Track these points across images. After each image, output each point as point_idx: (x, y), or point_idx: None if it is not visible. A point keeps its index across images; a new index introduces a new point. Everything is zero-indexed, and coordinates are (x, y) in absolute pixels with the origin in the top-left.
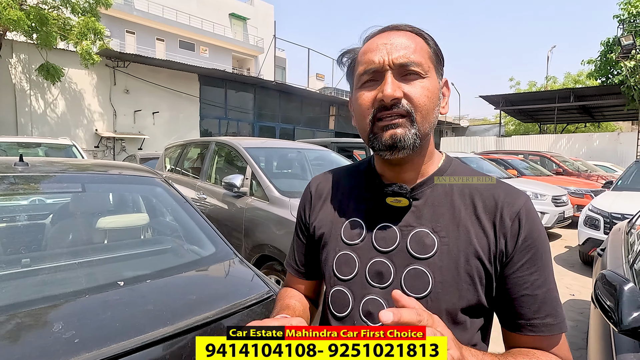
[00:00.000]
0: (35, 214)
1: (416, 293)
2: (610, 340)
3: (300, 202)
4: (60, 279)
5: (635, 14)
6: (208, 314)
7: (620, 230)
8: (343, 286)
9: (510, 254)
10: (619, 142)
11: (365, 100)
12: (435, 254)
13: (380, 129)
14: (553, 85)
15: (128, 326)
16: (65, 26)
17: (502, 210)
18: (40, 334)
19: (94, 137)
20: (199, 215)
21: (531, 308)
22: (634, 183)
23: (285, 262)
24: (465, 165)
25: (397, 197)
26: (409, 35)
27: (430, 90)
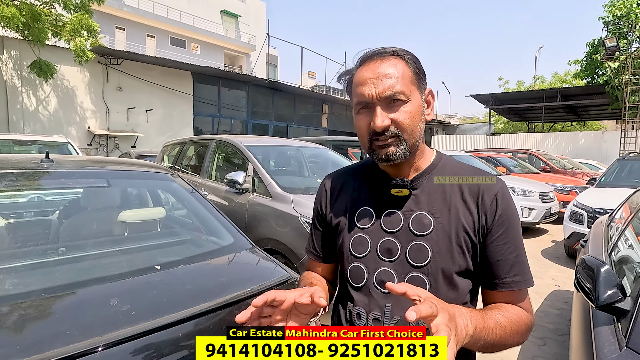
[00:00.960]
0: (63, 208)
1: (419, 262)
2: (589, 317)
3: (316, 197)
4: (104, 264)
5: (619, 16)
6: (240, 292)
7: (602, 223)
8: (358, 262)
9: (489, 227)
10: (604, 140)
11: (362, 125)
12: (432, 231)
13: (377, 147)
14: (541, 84)
15: (174, 302)
16: (58, 23)
17: (483, 192)
18: (100, 307)
19: (86, 134)
20: (215, 208)
21: (504, 270)
22: (616, 180)
23: (305, 249)
24: (453, 159)
25: (400, 189)
26: (392, 62)
27: (412, 112)
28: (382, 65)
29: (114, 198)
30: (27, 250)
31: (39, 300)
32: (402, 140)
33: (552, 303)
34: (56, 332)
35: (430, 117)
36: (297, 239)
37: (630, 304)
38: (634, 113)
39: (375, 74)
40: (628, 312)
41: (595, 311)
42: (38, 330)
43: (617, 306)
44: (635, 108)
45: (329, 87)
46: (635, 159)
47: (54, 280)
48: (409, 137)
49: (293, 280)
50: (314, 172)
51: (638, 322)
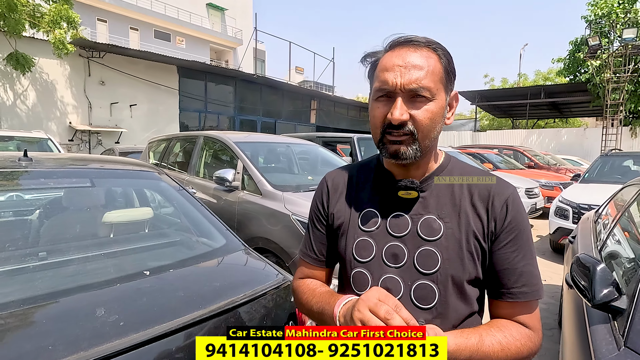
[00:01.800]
0: (43, 209)
1: (428, 269)
2: (583, 315)
3: (316, 196)
4: (89, 270)
5: (601, 15)
6: (235, 297)
7: (589, 219)
8: (362, 268)
9: (497, 234)
10: (585, 137)
11: (378, 114)
12: (442, 237)
13: (388, 141)
14: (524, 82)
15: (165, 310)
16: (36, 13)
17: (493, 198)
18: (85, 318)
19: (67, 130)
20: (205, 208)
21: (511, 279)
22: (599, 176)
23: (300, 252)
24: (461, 162)
25: (408, 190)
26: (424, 53)
27: (434, 112)
28: (413, 55)
29: (98, 198)
30: (3, 255)
31: (18, 311)
32: (415, 139)
33: None
34: (38, 347)
35: (449, 122)
36: (288, 238)
37: (626, 303)
38: (615, 110)
39: (404, 62)
40: (624, 311)
41: (590, 309)
42: (17, 345)
43: (614, 305)
44: (616, 105)
45: (317, 83)
46: (617, 156)
47: (34, 288)
48: (423, 138)
49: (288, 283)
50: (304, 169)
51: (635, 321)
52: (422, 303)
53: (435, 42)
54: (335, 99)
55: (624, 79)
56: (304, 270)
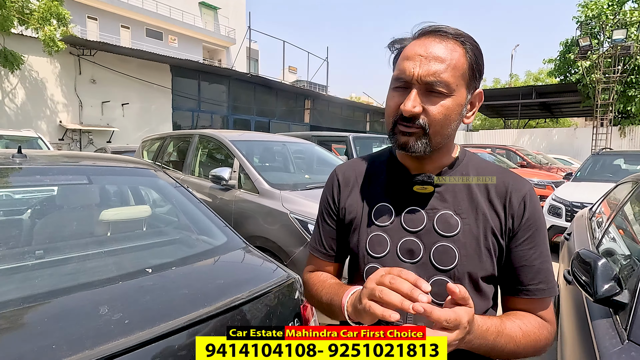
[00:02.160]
0: (39, 206)
1: (444, 265)
2: (584, 310)
3: (325, 189)
4: (89, 268)
5: (591, 16)
6: (239, 295)
7: (583, 216)
8: (376, 263)
9: (515, 231)
10: (575, 137)
11: (393, 104)
12: (459, 232)
13: (399, 132)
14: (516, 82)
15: (170, 308)
16: (25, 10)
17: (511, 194)
18: (89, 317)
19: (58, 129)
20: (205, 206)
21: (528, 276)
22: (591, 174)
23: (311, 247)
24: (476, 157)
25: (424, 185)
26: (450, 45)
27: (450, 109)
28: (437, 46)
29: (95, 196)
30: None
31: (17, 310)
32: (426, 134)
33: None
34: (40, 346)
35: (469, 121)
36: (286, 236)
37: (628, 297)
38: (605, 110)
39: (426, 52)
40: (627, 305)
41: (591, 304)
42: (18, 345)
43: (616, 299)
44: (605, 105)
45: (310, 83)
46: (608, 155)
47: (33, 287)
48: (435, 134)
49: (293, 280)
50: (300, 168)
51: (638, 315)
52: (439, 299)
53: (465, 34)
54: (329, 99)
55: (614, 79)
56: (314, 264)
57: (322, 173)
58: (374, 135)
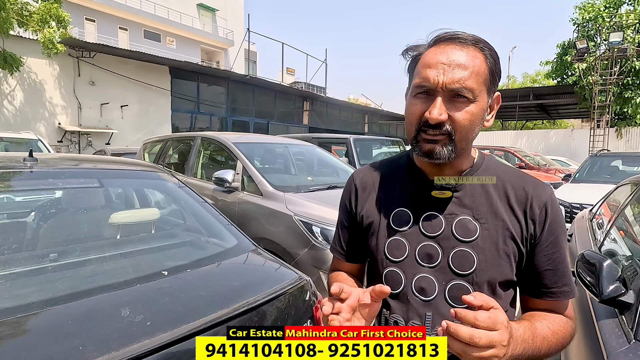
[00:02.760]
0: (51, 210)
1: (463, 270)
2: (589, 311)
3: (344, 194)
4: (106, 270)
5: (588, 18)
6: (256, 297)
7: (584, 218)
8: (395, 267)
9: (538, 237)
10: (572, 138)
11: (415, 111)
12: (478, 238)
13: (423, 140)
14: (513, 84)
15: (190, 309)
16: (24, 12)
17: (531, 200)
18: (112, 319)
19: (56, 131)
20: (214, 208)
21: (552, 279)
22: (589, 175)
23: (331, 247)
24: (495, 160)
25: (442, 190)
26: (470, 52)
27: (474, 114)
28: (459, 53)
29: (106, 199)
30: (16, 257)
31: (42, 312)
32: (452, 140)
33: None
34: (68, 347)
35: (489, 124)
36: (290, 238)
37: (633, 297)
38: (601, 112)
39: (449, 60)
40: (632, 305)
41: (596, 305)
42: (47, 346)
43: (621, 299)
44: (602, 107)
45: (309, 84)
46: (606, 156)
47: (54, 289)
48: (460, 139)
49: (305, 282)
50: (301, 170)
51: None
52: (457, 303)
53: (483, 40)
54: (328, 100)
55: (610, 81)
56: (334, 264)
57: (323, 175)
58: (374, 137)
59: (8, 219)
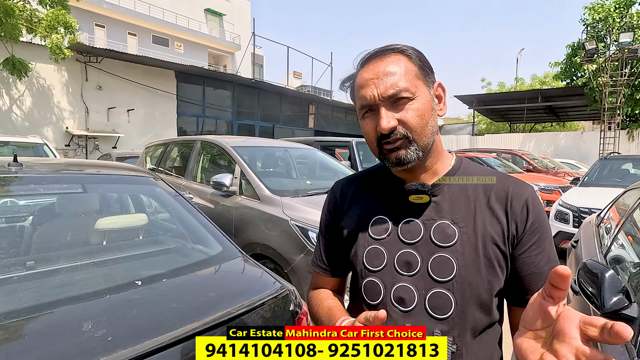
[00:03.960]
0: (32, 216)
1: (443, 277)
2: None
3: (325, 205)
4: (77, 280)
5: (598, 19)
6: (230, 309)
7: (591, 223)
8: (374, 277)
9: (520, 237)
10: (582, 140)
11: (369, 130)
12: (457, 242)
13: (387, 151)
14: (521, 86)
15: (157, 323)
16: (33, 18)
17: (512, 199)
18: (72, 333)
19: (64, 135)
20: (201, 214)
21: (538, 284)
22: (598, 179)
23: (312, 262)
24: (474, 163)
25: (419, 195)
26: (392, 59)
27: (420, 109)
28: (382, 64)
29: (90, 204)
30: None
31: (0, 326)
32: (411, 141)
33: None
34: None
35: (443, 113)
36: (286, 244)
37: (637, 311)
38: (612, 114)
39: (375, 74)
40: (636, 320)
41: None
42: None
43: (624, 313)
44: (613, 109)
45: (315, 88)
46: (616, 159)
47: (18, 301)
48: (418, 136)
49: (288, 292)
50: (302, 174)
51: None
52: (438, 313)
53: (400, 45)
54: (333, 104)
55: (621, 82)
56: (316, 280)
57: (325, 179)
58: None
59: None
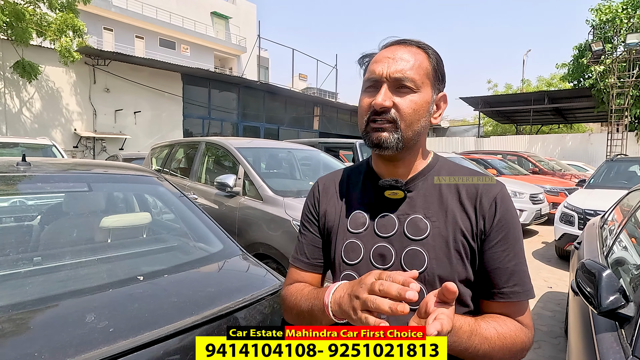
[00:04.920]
0: (40, 214)
1: (415, 269)
2: (589, 323)
3: (307, 200)
4: (82, 275)
5: (604, 21)
6: (229, 304)
7: (595, 225)
8: (351, 270)
9: (487, 233)
10: (590, 142)
11: (364, 103)
12: (428, 236)
13: (372, 129)
14: (527, 87)
15: (157, 316)
16: (42, 22)
17: (481, 196)
18: (75, 325)
19: (72, 137)
20: (203, 213)
21: (502, 279)
22: (605, 181)
23: (292, 258)
24: (450, 162)
25: (394, 190)
26: (413, 51)
27: (418, 103)
28: (402, 50)
29: (96, 203)
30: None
31: (6, 317)
32: (398, 128)
33: (545, 305)
34: (24, 354)
35: (436, 122)
36: (289, 244)
37: (633, 310)
38: (620, 116)
39: (392, 55)
40: (632, 319)
41: (596, 317)
42: (2, 352)
43: (621, 312)
44: (620, 111)
45: (320, 90)
46: (623, 161)
47: (24, 294)
48: (406, 127)
49: None
50: (306, 175)
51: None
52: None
53: (426, 44)
54: (338, 106)
55: (629, 84)
56: (293, 277)
57: None
58: None
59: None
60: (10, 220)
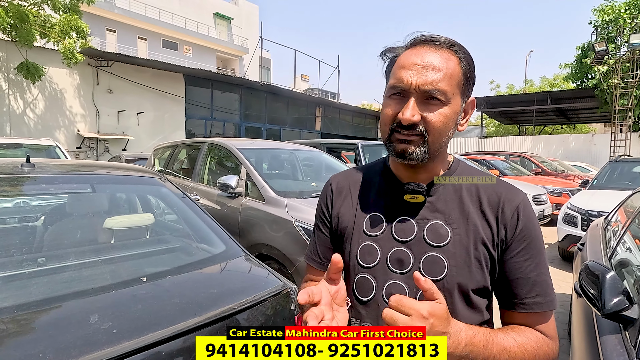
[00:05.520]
0: (44, 214)
1: (434, 276)
2: (593, 325)
3: (320, 199)
4: (86, 276)
5: (608, 21)
6: (231, 305)
7: (598, 226)
8: (366, 273)
9: (509, 242)
10: (593, 143)
11: (389, 112)
12: (449, 243)
13: (396, 140)
14: (530, 88)
15: (160, 317)
16: (46, 24)
17: (503, 205)
18: (79, 326)
19: (75, 137)
20: (206, 214)
21: (524, 289)
22: (608, 182)
23: (307, 256)
24: (470, 166)
25: (414, 195)
26: (445, 55)
27: (447, 116)
28: (433, 55)
29: (99, 204)
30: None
31: (11, 318)
32: (425, 142)
33: None
34: (27, 354)
35: (463, 129)
36: (291, 244)
37: (637, 312)
38: (623, 116)
39: (423, 62)
40: (636, 321)
41: (600, 319)
42: (7, 352)
43: (624, 314)
44: (624, 111)
45: (322, 91)
46: (626, 162)
47: (29, 295)
48: (433, 141)
49: (288, 290)
50: (307, 176)
51: None
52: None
53: (458, 44)
54: (340, 106)
55: (632, 84)
56: (310, 275)
57: None
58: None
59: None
60: (15, 221)
